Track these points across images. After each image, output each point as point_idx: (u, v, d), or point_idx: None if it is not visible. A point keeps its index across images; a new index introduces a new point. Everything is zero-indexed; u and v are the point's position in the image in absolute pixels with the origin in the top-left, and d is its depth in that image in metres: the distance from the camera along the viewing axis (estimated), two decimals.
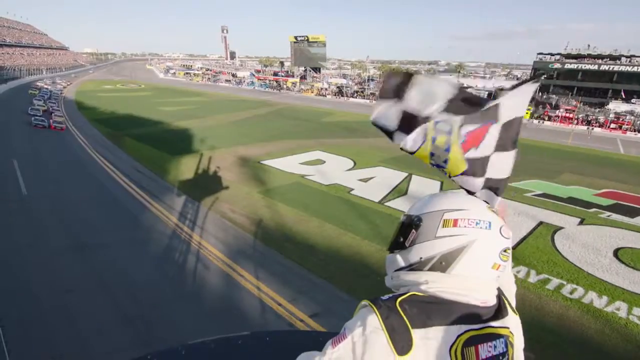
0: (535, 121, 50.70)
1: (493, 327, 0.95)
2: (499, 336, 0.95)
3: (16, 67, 72.87)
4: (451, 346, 0.88)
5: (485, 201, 1.09)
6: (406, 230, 1.02)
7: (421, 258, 0.99)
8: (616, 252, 14.21)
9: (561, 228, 16.14)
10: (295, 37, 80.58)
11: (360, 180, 21.46)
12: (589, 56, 54.38)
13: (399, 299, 0.92)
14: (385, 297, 0.95)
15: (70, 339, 8.30)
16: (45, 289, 10.00)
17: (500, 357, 0.93)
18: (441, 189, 20.68)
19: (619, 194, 20.94)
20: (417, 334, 0.87)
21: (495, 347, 0.92)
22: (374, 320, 0.89)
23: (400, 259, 1.04)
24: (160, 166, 22.69)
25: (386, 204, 18.08)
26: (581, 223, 16.81)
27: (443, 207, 1.00)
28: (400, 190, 19.99)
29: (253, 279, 11.56)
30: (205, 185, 19.93)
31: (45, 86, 58.51)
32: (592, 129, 46.34)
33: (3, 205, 15.34)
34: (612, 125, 46.75)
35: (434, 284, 0.95)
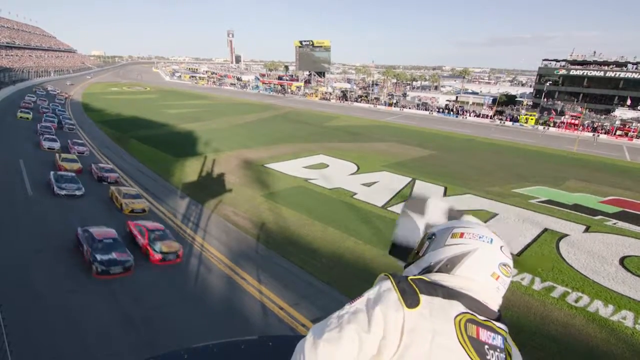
0: (541, 127, 50.46)
1: (494, 323, 1.04)
2: (499, 333, 1.02)
3: (24, 69, 73.91)
4: (456, 316, 0.99)
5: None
6: (422, 243, 1.24)
7: (431, 262, 1.16)
8: (622, 260, 14.03)
9: (566, 235, 15.98)
10: (300, 42, 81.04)
11: (364, 184, 21.42)
12: (595, 63, 54.13)
13: (410, 277, 1.07)
14: (397, 274, 1.14)
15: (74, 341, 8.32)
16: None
17: (499, 350, 0.99)
18: (445, 194, 20.61)
19: (625, 202, 20.72)
20: (424, 297, 1.01)
21: (494, 338, 1.00)
22: (388, 284, 1.06)
23: (414, 268, 1.22)
24: (164, 168, 22.80)
25: (389, 208, 18.02)
26: (587, 230, 16.64)
27: (454, 225, 1.20)
28: (403, 195, 19.91)
29: (255, 282, 11.53)
30: (209, 187, 19.99)
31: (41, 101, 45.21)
32: (598, 135, 46.01)
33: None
34: (618, 132, 46.41)
35: (439, 281, 1.10)
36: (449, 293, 1.04)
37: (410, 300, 0.99)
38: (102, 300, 9.90)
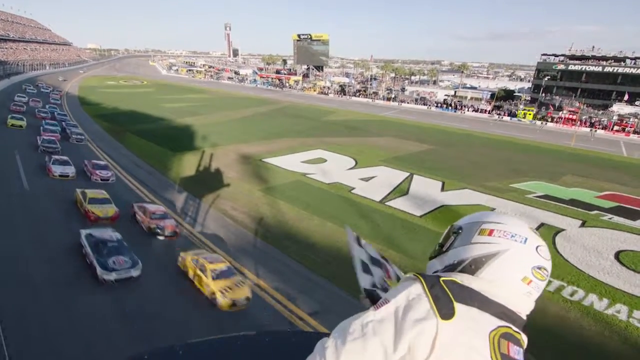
0: (539, 122, 50.53)
1: (521, 336, 0.96)
2: (522, 346, 0.95)
3: (19, 62, 73.05)
4: (491, 331, 0.91)
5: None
6: (447, 238, 1.13)
7: (455, 261, 1.06)
8: (617, 255, 14.17)
9: (562, 230, 16.10)
10: (299, 35, 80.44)
11: (362, 179, 21.44)
12: (593, 58, 54.08)
13: (442, 278, 0.98)
14: (429, 273, 1.06)
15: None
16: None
17: None
18: (443, 189, 20.66)
19: (621, 197, 20.86)
20: (459, 307, 0.91)
21: (518, 352, 0.92)
22: (418, 288, 0.95)
23: (437, 263, 1.12)
24: (161, 162, 22.72)
25: (387, 203, 18.06)
26: (583, 225, 16.76)
27: (483, 219, 1.08)
28: (401, 190, 19.96)
29: (253, 277, 11.58)
30: (207, 182, 19.95)
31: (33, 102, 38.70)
32: (595, 131, 46.13)
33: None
34: (616, 128, 46.54)
35: (464, 283, 1.01)
36: (483, 302, 0.94)
37: (445, 309, 0.90)
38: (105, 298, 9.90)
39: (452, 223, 1.18)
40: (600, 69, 52.97)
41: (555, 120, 50.49)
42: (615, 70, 51.85)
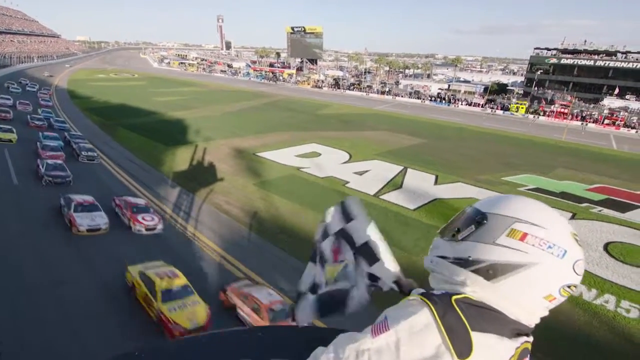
0: (531, 116, 50.95)
1: (529, 343, 0.87)
2: (529, 351, 0.87)
3: (6, 55, 71.33)
4: (510, 357, 0.81)
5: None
6: (466, 223, 0.92)
7: (469, 257, 0.88)
8: (606, 246, 14.44)
9: None
10: (292, 28, 79.62)
11: (356, 173, 21.46)
12: (585, 52, 54.47)
13: (454, 297, 0.82)
14: (437, 291, 0.86)
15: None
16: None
17: None
18: (436, 182, 20.79)
19: (611, 189, 21.20)
20: (476, 337, 0.78)
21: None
22: (427, 316, 0.80)
23: (448, 248, 0.95)
24: (153, 157, 22.48)
25: (381, 197, 18.13)
26: (573, 217, 17.02)
27: (517, 215, 0.86)
28: (395, 184, 20.04)
29: (248, 271, 11.58)
30: (200, 176, 19.81)
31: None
32: (587, 124, 46.67)
33: None
34: (606, 121, 47.13)
35: (476, 289, 0.86)
36: (500, 323, 0.82)
37: (461, 344, 0.77)
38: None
39: (475, 205, 0.95)
40: (592, 63, 53.42)
41: (547, 113, 50.95)
42: (606, 65, 52.33)
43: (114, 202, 14.45)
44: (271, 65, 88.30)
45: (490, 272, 0.85)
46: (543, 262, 0.81)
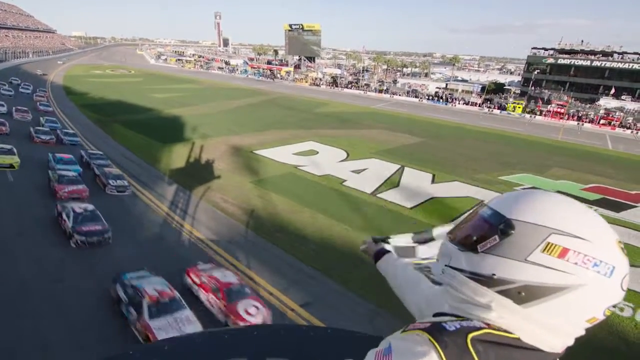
0: (528, 116, 51.17)
1: None
2: None
3: (1, 50, 70.64)
4: None
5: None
6: (486, 230, 0.75)
7: (494, 275, 0.73)
8: None
9: None
10: (290, 25, 79.31)
11: (353, 171, 21.48)
12: (582, 52, 54.74)
13: (471, 335, 0.66)
14: (451, 326, 0.68)
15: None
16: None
17: None
18: (433, 181, 20.85)
19: (606, 189, 21.36)
20: None
21: None
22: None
23: (464, 259, 0.79)
24: (150, 154, 22.37)
25: (378, 195, 18.16)
26: None
27: (553, 225, 0.69)
28: (392, 182, 20.08)
29: (245, 269, 11.58)
30: (197, 174, 19.75)
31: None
32: (582, 124, 46.94)
33: None
34: (602, 121, 47.42)
35: (504, 314, 0.72)
36: None
37: None
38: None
39: (493, 205, 0.78)
40: (588, 63, 53.69)
41: (543, 113, 51.18)
42: (602, 65, 52.61)
43: (189, 279, 9.88)
44: (269, 62, 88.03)
45: (523, 294, 0.70)
46: (587, 283, 0.67)
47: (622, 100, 50.75)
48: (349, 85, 70.31)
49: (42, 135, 22.08)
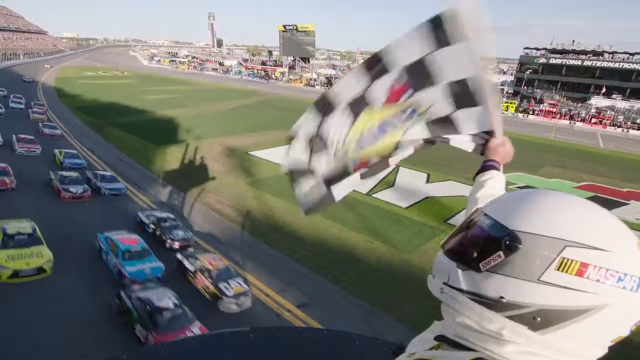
0: (520, 115, 51.66)
1: None
2: None
3: None
4: None
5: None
6: (487, 246, 0.64)
7: (502, 298, 0.62)
8: None
9: None
10: (284, 26, 79.30)
11: None
12: (573, 52, 55.40)
13: None
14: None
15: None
16: None
17: None
18: (428, 180, 20.94)
19: (598, 187, 21.63)
20: None
21: None
22: None
23: (464, 278, 0.67)
24: (144, 156, 22.21)
25: (373, 195, 18.20)
26: None
27: (566, 235, 0.59)
28: (387, 182, 20.13)
29: (240, 270, 11.53)
30: (192, 176, 19.65)
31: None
32: (574, 123, 47.50)
33: None
34: (593, 120, 48.03)
35: (519, 343, 0.62)
36: None
37: None
38: None
39: (493, 214, 0.67)
40: (579, 62, 54.34)
41: (536, 112, 51.71)
42: (593, 64, 53.27)
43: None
44: (263, 63, 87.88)
45: (538, 320, 0.60)
46: (613, 302, 0.57)
47: (613, 99, 51.44)
48: None
49: (71, 186, 14.67)
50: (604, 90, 51.47)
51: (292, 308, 9.91)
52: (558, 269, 0.58)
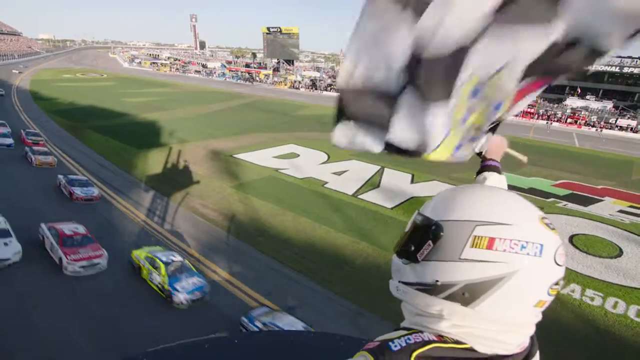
0: None
1: None
2: None
3: None
4: None
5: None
6: (420, 238, 0.76)
7: (437, 281, 0.72)
8: (571, 239, 15.25)
9: None
10: (268, 28, 78.96)
11: (334, 173, 21.59)
12: None
13: (415, 353, 0.64)
14: (396, 345, 0.67)
15: None
16: None
17: None
18: (412, 181, 21.23)
19: (574, 184, 22.43)
20: None
21: None
22: None
23: (409, 272, 0.79)
24: (125, 160, 21.70)
25: (359, 196, 18.33)
26: None
27: (474, 217, 0.71)
28: (373, 183, 20.32)
29: (226, 275, 11.41)
30: (175, 180, 19.32)
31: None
32: (551, 123, 49.12)
33: None
34: (569, 120, 49.81)
35: (456, 321, 0.71)
36: None
37: None
38: None
39: (424, 211, 0.81)
40: None
41: None
42: None
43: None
44: (247, 65, 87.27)
45: (466, 295, 0.70)
46: (521, 267, 0.67)
47: (587, 99, 53.49)
48: (328, 88, 70.67)
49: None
50: (578, 91, 53.44)
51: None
52: (472, 246, 0.69)
